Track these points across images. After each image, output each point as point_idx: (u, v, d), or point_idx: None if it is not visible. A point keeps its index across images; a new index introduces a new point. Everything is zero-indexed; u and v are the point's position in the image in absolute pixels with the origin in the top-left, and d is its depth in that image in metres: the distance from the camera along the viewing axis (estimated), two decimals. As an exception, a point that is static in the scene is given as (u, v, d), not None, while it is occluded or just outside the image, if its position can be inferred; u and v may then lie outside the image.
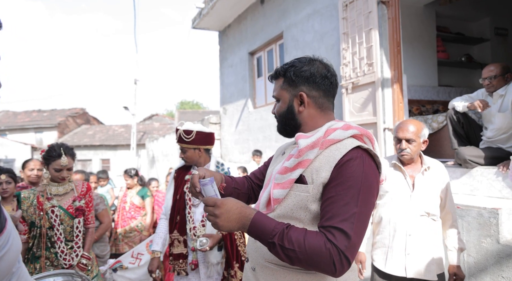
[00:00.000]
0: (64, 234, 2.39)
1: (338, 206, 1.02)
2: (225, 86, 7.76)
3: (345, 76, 4.17)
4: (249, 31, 6.65)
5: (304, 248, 0.98)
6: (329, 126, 1.16)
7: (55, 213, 2.37)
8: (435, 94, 4.58)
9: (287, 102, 1.24)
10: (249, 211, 1.06)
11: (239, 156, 7.08)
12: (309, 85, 1.21)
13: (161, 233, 2.47)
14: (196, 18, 7.51)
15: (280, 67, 1.27)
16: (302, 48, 5.10)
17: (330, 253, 0.97)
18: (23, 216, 2.37)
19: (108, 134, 24.58)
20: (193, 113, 22.00)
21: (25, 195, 2.41)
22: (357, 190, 1.03)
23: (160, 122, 27.47)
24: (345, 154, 1.08)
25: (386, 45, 3.80)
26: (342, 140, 1.13)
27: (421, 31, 4.57)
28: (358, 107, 4.05)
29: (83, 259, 2.43)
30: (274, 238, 1.01)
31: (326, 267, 0.99)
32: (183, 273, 2.36)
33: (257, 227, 1.04)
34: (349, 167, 1.05)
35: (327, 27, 4.60)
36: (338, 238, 0.98)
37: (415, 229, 2.00)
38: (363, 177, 1.05)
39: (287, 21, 5.46)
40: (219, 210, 1.05)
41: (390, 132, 3.81)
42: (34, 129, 25.45)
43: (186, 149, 2.35)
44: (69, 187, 2.51)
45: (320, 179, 1.08)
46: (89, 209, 2.56)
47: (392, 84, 3.80)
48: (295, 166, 1.13)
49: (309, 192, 1.10)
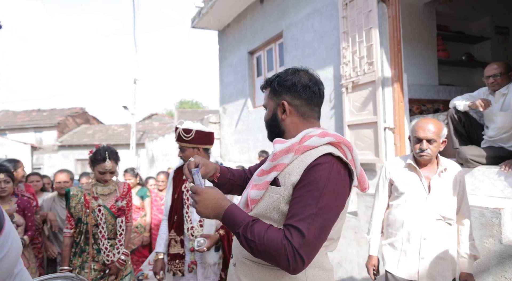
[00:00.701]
0: (107, 232, 2.54)
1: (299, 206, 1.08)
2: (224, 85, 7.74)
3: (345, 75, 4.15)
4: (249, 31, 6.63)
5: (263, 241, 1.05)
6: (306, 133, 1.21)
7: (101, 212, 2.53)
8: (435, 93, 4.56)
9: (272, 110, 1.32)
10: (225, 202, 1.17)
11: (238, 155, 7.06)
12: (291, 94, 1.27)
13: (163, 234, 2.46)
14: (196, 18, 7.49)
15: (268, 78, 1.36)
16: (302, 48, 5.08)
17: (285, 249, 1.04)
18: (70, 212, 2.55)
19: (107, 133, 24.55)
20: (193, 113, 21.96)
21: (74, 193, 2.57)
22: (319, 193, 1.08)
23: (159, 121, 27.45)
24: (315, 159, 1.12)
25: (386, 44, 3.78)
26: (317, 146, 1.17)
27: (421, 30, 4.55)
28: (358, 106, 4.03)
29: (122, 255, 2.56)
30: (239, 228, 1.10)
31: (281, 262, 1.05)
32: (179, 273, 2.34)
33: (229, 217, 1.13)
34: (315, 171, 1.11)
35: (327, 26, 4.57)
36: (294, 236, 1.04)
37: (430, 233, 1.92)
38: (327, 182, 1.09)
39: (287, 20, 5.44)
40: (198, 197, 1.17)
41: (391, 131, 3.79)
42: (34, 128, 25.41)
43: (185, 148, 2.33)
44: (112, 187, 2.65)
45: (290, 182, 1.14)
46: (129, 208, 2.71)
47: (393, 83, 3.78)
48: (270, 169, 1.20)
49: (280, 194, 1.16)
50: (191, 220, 2.36)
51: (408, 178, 2.04)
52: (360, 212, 3.47)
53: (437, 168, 2.00)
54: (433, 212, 1.93)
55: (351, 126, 4.11)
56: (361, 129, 3.99)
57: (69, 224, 2.56)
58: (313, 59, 4.83)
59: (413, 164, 2.01)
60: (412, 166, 2.03)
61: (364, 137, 3.96)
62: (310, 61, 4.86)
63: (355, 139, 4.07)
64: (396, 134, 3.78)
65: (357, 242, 3.50)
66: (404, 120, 3.76)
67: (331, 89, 4.52)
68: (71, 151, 23.99)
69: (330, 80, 4.52)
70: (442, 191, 1.95)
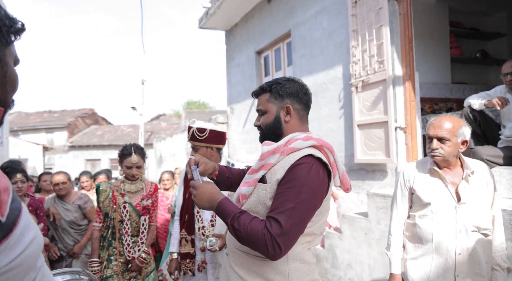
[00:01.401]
0: (131, 229, 2.61)
1: (279, 201, 1.23)
2: (232, 85, 7.70)
3: (354, 74, 4.07)
4: (256, 30, 6.58)
5: (246, 230, 1.20)
6: (292, 136, 1.35)
7: (126, 209, 2.60)
8: (448, 91, 4.46)
9: (274, 113, 1.42)
10: (218, 196, 1.32)
11: (246, 155, 7.02)
12: (293, 99, 1.41)
13: (176, 234, 2.45)
14: (203, 18, 7.46)
15: (264, 84, 1.47)
16: (310, 46, 5.01)
17: (265, 237, 1.18)
18: (99, 206, 2.64)
19: (116, 134, 24.75)
20: (200, 113, 22.00)
21: (103, 188, 2.67)
22: (298, 190, 1.21)
23: (167, 122, 27.58)
24: (297, 160, 1.26)
25: (397, 41, 3.69)
26: (301, 149, 1.30)
27: (433, 27, 4.45)
28: (368, 106, 3.94)
29: (143, 253, 2.62)
30: (228, 219, 1.25)
31: (261, 248, 1.19)
32: (189, 273, 2.33)
33: (221, 209, 1.29)
34: (296, 170, 1.25)
35: (335, 25, 4.50)
36: (273, 226, 1.18)
37: (465, 246, 1.72)
38: (306, 180, 1.23)
39: (295, 19, 5.37)
40: (196, 191, 1.34)
41: (402, 131, 3.70)
42: (45, 129, 25.78)
43: (199, 147, 2.32)
44: (140, 186, 2.71)
45: (275, 179, 1.28)
46: (154, 208, 2.76)
47: (404, 81, 3.70)
48: (259, 168, 1.35)
49: (266, 190, 1.30)
50: (202, 219, 2.34)
51: (432, 185, 1.81)
52: (370, 213, 3.40)
53: (462, 172, 1.79)
54: (466, 223, 1.72)
55: (361, 126, 4.03)
56: (371, 129, 3.91)
57: (98, 218, 2.65)
58: (321, 58, 4.75)
59: (435, 168, 1.80)
60: (434, 170, 1.81)
61: (374, 137, 3.88)
62: (319, 60, 4.79)
63: (365, 139, 3.99)
64: (408, 133, 3.69)
65: (367, 243, 3.43)
66: (416, 119, 3.67)
67: (340, 89, 4.44)
68: (81, 151, 24.25)
69: (339, 79, 4.44)
70: (473, 198, 1.74)
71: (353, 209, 4.21)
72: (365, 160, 3.99)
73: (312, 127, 5.10)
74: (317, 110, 4.81)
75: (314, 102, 4.87)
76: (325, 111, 4.70)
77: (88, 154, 24.04)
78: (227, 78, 7.89)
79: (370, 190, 3.74)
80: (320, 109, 4.78)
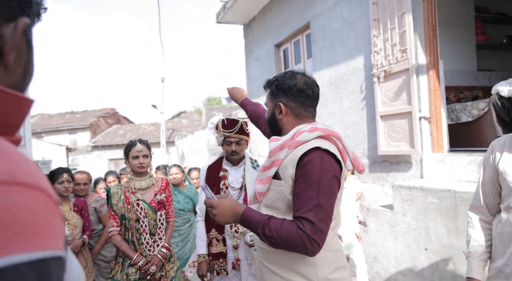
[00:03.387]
0: (148, 227, 2.54)
1: (303, 200, 1.25)
2: (251, 80, 7.69)
3: (376, 64, 4.00)
4: (275, 23, 6.53)
5: (280, 235, 1.23)
6: (297, 129, 1.36)
7: (140, 206, 2.53)
8: (473, 79, 4.31)
9: (271, 110, 1.47)
10: (240, 207, 1.32)
11: (267, 150, 7.02)
12: (287, 97, 1.41)
13: (202, 235, 2.40)
14: (220, 12, 7.46)
15: (268, 79, 1.51)
16: (330, 38, 4.95)
17: (301, 238, 1.21)
18: (113, 209, 2.56)
19: (138, 132, 25.17)
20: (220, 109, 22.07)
21: (114, 191, 2.60)
22: (316, 186, 1.24)
23: (188, 119, 27.86)
24: (304, 153, 1.28)
25: (420, 29, 3.60)
26: (308, 141, 1.32)
27: (458, 13, 4.31)
28: (391, 96, 3.87)
29: (163, 248, 2.55)
30: (258, 228, 1.27)
31: (300, 249, 1.23)
32: (223, 272, 2.30)
33: (246, 220, 1.30)
34: (308, 166, 1.26)
35: (356, 14, 4.42)
36: (306, 226, 1.22)
37: None
38: (321, 174, 1.25)
39: (314, 10, 5.30)
40: (216, 210, 1.32)
41: (427, 121, 3.61)
42: (68, 130, 26.41)
43: (242, 142, 2.33)
44: (150, 182, 2.64)
45: (288, 175, 1.31)
46: (169, 203, 2.69)
47: (428, 70, 3.60)
48: (270, 165, 1.36)
49: (282, 186, 1.32)
50: None
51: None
52: (396, 205, 3.35)
53: None
54: None
55: (384, 117, 3.96)
56: (394, 120, 3.84)
57: (114, 222, 2.55)
58: (342, 49, 4.69)
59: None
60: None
61: (398, 128, 3.81)
62: (339, 51, 4.72)
63: (388, 130, 3.92)
64: (433, 123, 3.60)
65: (393, 236, 3.38)
66: (441, 109, 3.58)
67: (361, 79, 4.37)
68: (104, 151, 24.79)
69: (360, 70, 4.37)
70: None
71: (378, 201, 4.15)
72: (388, 151, 3.92)
73: (334, 120, 5.07)
74: (339, 102, 4.75)
75: (335, 94, 4.81)
76: (346, 103, 4.64)
77: (111, 154, 24.55)
78: (246, 73, 7.89)
79: (394, 182, 3.67)
80: (341, 101, 4.72)
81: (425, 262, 3.07)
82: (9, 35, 0.50)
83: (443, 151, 3.55)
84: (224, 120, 2.31)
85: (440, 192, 2.92)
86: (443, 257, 2.90)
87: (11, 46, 0.51)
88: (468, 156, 3.16)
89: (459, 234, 2.74)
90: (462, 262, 2.69)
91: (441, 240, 2.90)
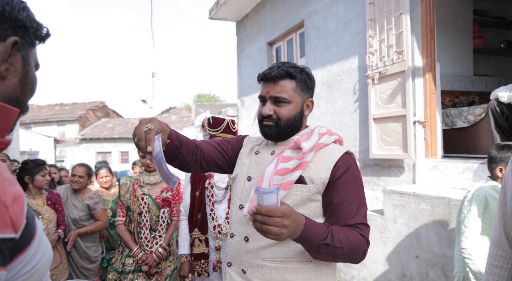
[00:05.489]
0: (149, 222, 2.56)
1: (355, 205, 1.20)
2: (242, 77, 7.57)
3: (371, 65, 3.89)
4: (268, 21, 6.41)
5: (350, 245, 1.11)
6: (318, 131, 1.29)
7: (144, 200, 2.56)
8: (469, 84, 4.24)
9: (300, 106, 1.29)
10: (301, 216, 1.06)
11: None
12: (312, 92, 1.35)
13: (185, 235, 2.35)
14: (213, 8, 7.32)
15: (289, 67, 1.26)
16: (324, 37, 4.83)
17: (364, 244, 1.16)
18: (121, 200, 2.64)
19: (127, 127, 24.87)
20: (210, 106, 21.92)
21: (123, 182, 2.66)
22: (360, 189, 1.24)
23: (177, 115, 27.62)
24: (339, 158, 1.23)
25: (418, 30, 3.50)
26: (328, 144, 1.28)
27: (456, 15, 4.22)
28: (385, 99, 3.77)
29: (160, 248, 2.55)
30: (326, 239, 1.08)
31: (359, 257, 1.16)
32: (205, 274, 2.25)
33: (310, 232, 1.06)
34: (353, 171, 1.23)
35: (352, 13, 4.31)
36: (365, 231, 1.18)
37: None
38: (358, 178, 1.26)
39: (308, 8, 5.18)
40: (288, 221, 0.98)
41: (421, 125, 3.53)
42: (57, 122, 26.06)
43: None
44: (159, 178, 2.64)
45: (320, 179, 1.20)
46: (175, 202, 2.69)
47: (424, 73, 3.51)
48: (296, 168, 1.20)
49: (309, 191, 1.20)
50: (217, 217, 2.25)
51: None
52: (386, 210, 3.26)
53: None
54: None
55: (377, 119, 3.86)
56: (388, 123, 3.74)
57: (121, 212, 2.63)
58: (336, 49, 4.57)
59: None
60: None
61: (391, 132, 3.71)
62: (333, 51, 4.61)
63: (381, 133, 3.82)
64: (427, 128, 3.52)
65: (382, 242, 3.29)
66: (436, 113, 3.49)
67: (355, 81, 4.27)
68: (92, 144, 24.44)
69: (354, 70, 4.27)
70: None
71: (368, 206, 4.06)
72: (381, 155, 3.83)
73: (325, 121, 4.94)
74: (331, 103, 4.65)
75: (328, 95, 4.70)
76: (339, 104, 4.53)
77: (99, 147, 24.22)
78: (238, 70, 7.75)
79: (386, 187, 3.58)
80: (334, 102, 4.61)
81: (414, 270, 2.99)
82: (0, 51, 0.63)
83: (437, 156, 3.46)
84: (210, 119, 2.22)
85: (433, 199, 2.84)
86: (434, 266, 2.82)
87: (1, 60, 0.63)
88: (464, 163, 3.07)
89: (451, 243, 2.66)
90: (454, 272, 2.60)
91: (433, 248, 2.82)
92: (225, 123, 2.24)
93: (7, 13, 0.64)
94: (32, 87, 0.73)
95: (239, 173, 1.36)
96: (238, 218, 1.30)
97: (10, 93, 0.65)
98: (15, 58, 0.66)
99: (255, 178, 1.30)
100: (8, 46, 0.63)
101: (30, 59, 0.71)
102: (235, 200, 1.34)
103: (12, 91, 0.66)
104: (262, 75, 1.30)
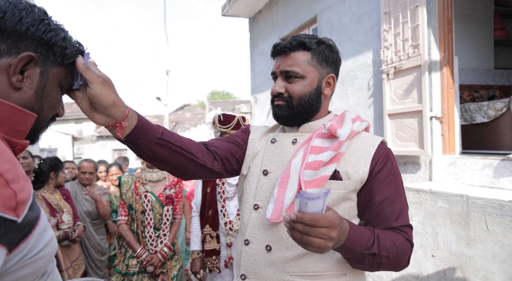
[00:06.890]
0: (153, 221, 2.50)
1: (399, 206, 1.04)
2: (256, 74, 7.55)
3: (386, 60, 3.81)
4: (281, 16, 6.36)
5: (396, 252, 0.97)
6: (348, 115, 1.09)
7: (148, 198, 2.50)
8: (490, 78, 4.10)
9: (316, 81, 1.08)
10: (345, 223, 0.89)
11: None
12: (336, 68, 1.13)
13: (197, 231, 2.36)
14: (226, 5, 7.32)
15: (304, 38, 1.08)
16: (337, 32, 4.75)
17: (409, 250, 1.01)
18: (123, 198, 2.58)
19: (142, 124, 25.15)
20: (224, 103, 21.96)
21: (125, 179, 2.60)
22: (401, 184, 1.08)
23: (191, 112, 27.79)
24: (377, 149, 1.05)
25: (435, 23, 3.40)
26: (360, 132, 1.10)
27: (476, 6, 4.08)
28: (400, 94, 3.68)
29: (165, 247, 2.51)
30: (372, 248, 0.92)
31: (404, 264, 1.01)
32: (216, 270, 2.25)
33: (354, 240, 0.89)
34: (390, 166, 1.06)
35: (366, 7, 4.22)
36: (410, 234, 1.04)
37: None
38: (398, 171, 1.09)
39: (321, 3, 5.11)
40: (336, 232, 0.79)
41: (438, 120, 3.43)
42: (75, 120, 26.57)
43: None
44: (162, 175, 2.60)
45: (359, 175, 1.02)
46: (178, 199, 2.64)
47: (441, 67, 3.41)
48: (331, 160, 1.01)
49: (346, 189, 1.02)
50: (228, 214, 2.25)
51: None
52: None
53: None
54: None
55: (392, 115, 3.77)
56: (403, 119, 3.66)
57: (123, 210, 2.58)
58: (350, 44, 4.49)
59: None
60: None
61: (406, 127, 3.63)
62: (347, 46, 4.53)
63: (396, 130, 3.74)
64: (444, 123, 3.42)
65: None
66: (454, 108, 3.39)
67: (369, 76, 4.18)
68: (108, 141, 24.85)
69: (369, 65, 4.19)
70: None
71: (383, 203, 3.99)
72: (396, 151, 3.75)
73: (339, 117, 4.85)
74: (345, 99, 4.58)
75: (341, 91, 4.63)
76: (353, 100, 4.46)
77: (115, 144, 24.58)
78: (251, 67, 7.74)
79: (401, 184, 3.51)
80: (347, 98, 4.54)
81: (431, 269, 2.92)
82: (13, 63, 0.69)
83: (454, 153, 3.37)
84: (221, 116, 2.22)
85: (451, 196, 2.75)
86: (452, 265, 2.74)
87: (13, 71, 0.69)
88: (483, 160, 2.97)
89: (470, 242, 2.57)
90: (472, 272, 2.53)
91: (450, 247, 2.74)
92: (236, 119, 2.23)
93: (30, 32, 0.71)
94: (52, 105, 0.78)
95: (251, 166, 1.14)
96: (253, 222, 1.09)
97: (25, 103, 0.71)
98: (32, 71, 0.72)
99: (272, 172, 1.09)
100: (19, 60, 0.69)
101: (51, 75, 0.76)
102: (247, 198, 1.12)
103: (27, 101, 0.72)
104: (272, 48, 1.14)
